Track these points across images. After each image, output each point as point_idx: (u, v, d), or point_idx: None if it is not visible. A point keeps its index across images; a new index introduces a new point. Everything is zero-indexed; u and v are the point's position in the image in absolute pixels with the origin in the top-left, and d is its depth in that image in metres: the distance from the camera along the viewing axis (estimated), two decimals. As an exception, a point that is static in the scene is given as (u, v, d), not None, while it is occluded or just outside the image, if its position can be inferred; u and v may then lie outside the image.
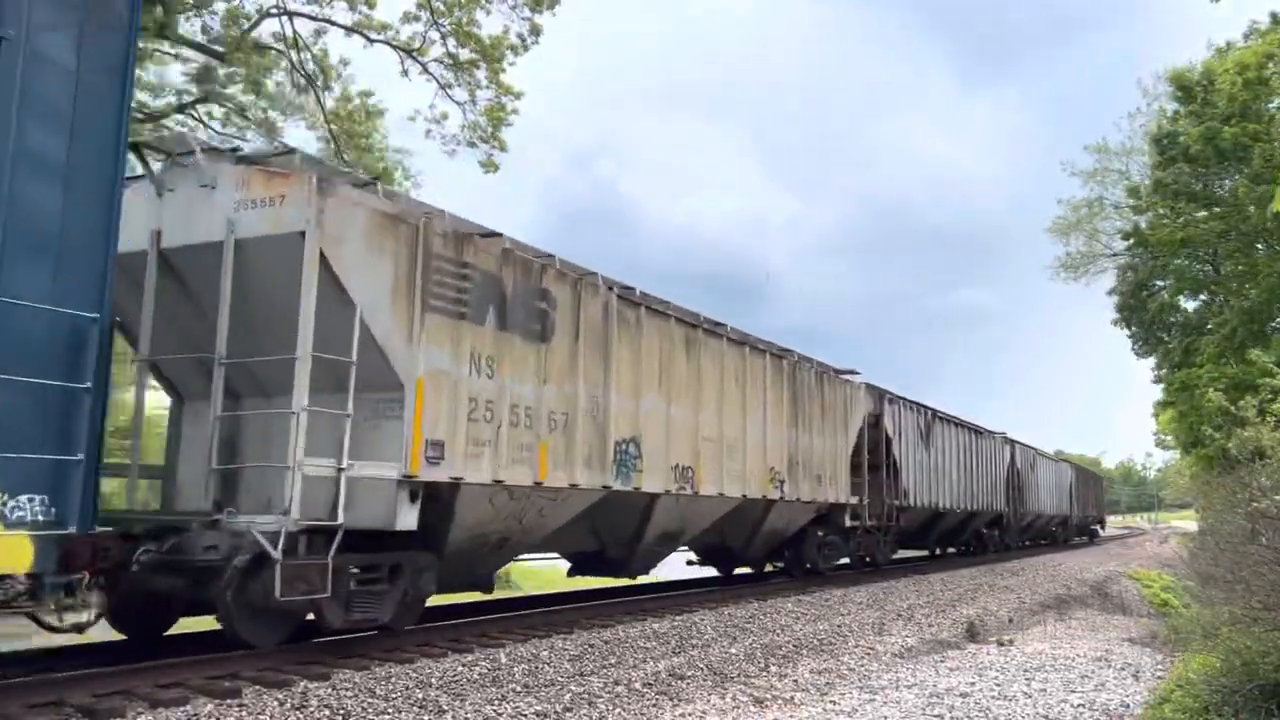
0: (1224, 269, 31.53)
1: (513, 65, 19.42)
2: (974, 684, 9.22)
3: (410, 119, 20.49)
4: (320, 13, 18.55)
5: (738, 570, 16.81)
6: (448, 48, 19.27)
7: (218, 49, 17.42)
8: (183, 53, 18.14)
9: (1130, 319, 34.67)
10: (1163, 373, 35.04)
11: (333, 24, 18.75)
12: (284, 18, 18.32)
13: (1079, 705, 8.39)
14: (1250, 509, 8.63)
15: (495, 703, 6.86)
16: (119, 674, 6.45)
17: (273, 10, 18.12)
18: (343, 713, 6.19)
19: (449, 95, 19.91)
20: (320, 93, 19.42)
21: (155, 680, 6.42)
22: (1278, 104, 27.03)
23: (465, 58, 19.24)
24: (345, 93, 20.14)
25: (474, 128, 20.17)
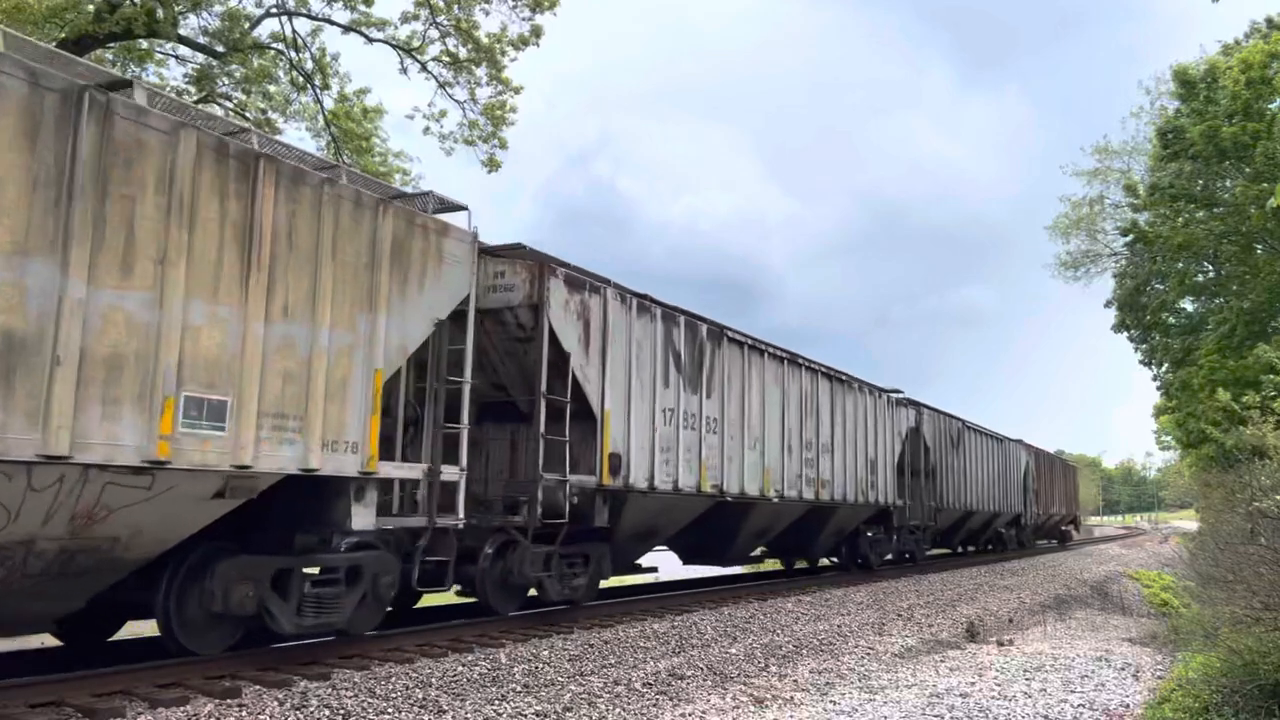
0: (1224, 271, 31.48)
1: (514, 61, 19.44)
2: (974, 684, 9.22)
3: (409, 116, 20.52)
4: (318, 11, 18.55)
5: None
6: (447, 46, 19.27)
7: (217, 49, 17.41)
8: (182, 53, 18.14)
9: (1128, 321, 34.61)
10: (1162, 370, 34.99)
11: (331, 23, 18.75)
12: (283, 18, 18.32)
13: (1079, 705, 8.38)
14: (1250, 509, 8.63)
15: (495, 703, 6.86)
16: (119, 674, 6.44)
17: (273, 10, 18.12)
18: (343, 713, 6.19)
19: (448, 94, 19.92)
20: (319, 91, 19.42)
21: (155, 680, 6.42)
22: (1278, 104, 26.98)
23: (464, 56, 19.23)
24: (343, 93, 20.15)
25: (474, 126, 20.18)
